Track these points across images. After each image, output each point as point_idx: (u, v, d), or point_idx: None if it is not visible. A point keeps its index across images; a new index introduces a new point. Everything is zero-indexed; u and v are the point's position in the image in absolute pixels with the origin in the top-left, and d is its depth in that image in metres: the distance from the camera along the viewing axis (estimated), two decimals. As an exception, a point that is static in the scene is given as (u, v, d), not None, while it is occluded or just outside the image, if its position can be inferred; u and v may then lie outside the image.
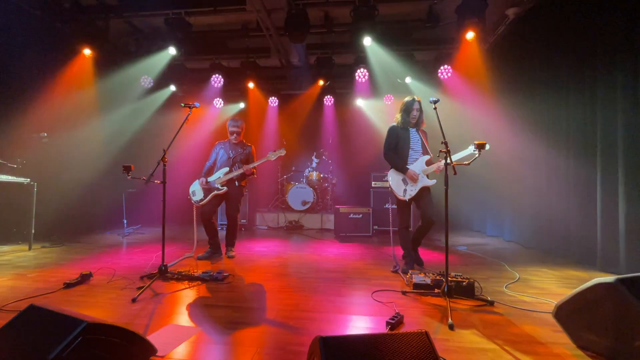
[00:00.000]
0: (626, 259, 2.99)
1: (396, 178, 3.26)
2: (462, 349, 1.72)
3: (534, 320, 2.09)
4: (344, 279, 2.98)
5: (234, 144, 3.86)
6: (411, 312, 2.21)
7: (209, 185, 3.68)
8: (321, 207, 6.73)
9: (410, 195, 3.17)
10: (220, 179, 3.67)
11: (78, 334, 1.29)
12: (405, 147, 3.24)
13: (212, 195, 3.67)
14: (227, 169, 3.72)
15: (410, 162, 3.23)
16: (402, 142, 3.26)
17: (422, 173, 3.16)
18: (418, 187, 3.15)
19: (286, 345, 1.75)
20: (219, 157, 3.83)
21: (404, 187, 3.20)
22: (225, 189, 3.67)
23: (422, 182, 3.14)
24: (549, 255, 3.93)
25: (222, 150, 3.84)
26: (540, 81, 4.20)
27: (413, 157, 3.23)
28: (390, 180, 3.31)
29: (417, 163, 3.20)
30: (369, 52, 5.43)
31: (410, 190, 3.17)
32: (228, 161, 3.76)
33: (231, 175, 3.67)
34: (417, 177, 3.13)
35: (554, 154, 3.94)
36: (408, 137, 3.25)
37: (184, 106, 3.07)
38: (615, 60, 3.12)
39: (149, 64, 5.84)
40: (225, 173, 3.69)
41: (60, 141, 4.90)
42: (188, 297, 2.46)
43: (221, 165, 3.76)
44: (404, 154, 3.24)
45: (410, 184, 3.18)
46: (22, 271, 3.10)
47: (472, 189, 6.05)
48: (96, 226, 5.64)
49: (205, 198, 3.68)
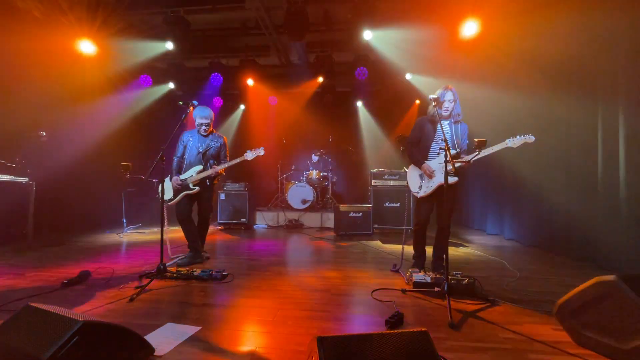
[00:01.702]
0: (627, 257, 2.98)
1: (413, 173, 3.10)
2: (462, 348, 1.71)
3: (535, 319, 2.08)
4: (343, 278, 2.96)
5: (203, 137, 3.51)
6: (411, 310, 2.20)
7: (184, 183, 3.37)
8: (321, 206, 6.72)
9: (425, 192, 2.95)
10: (193, 177, 3.37)
11: (74, 334, 1.28)
12: (429, 141, 2.98)
13: (183, 195, 3.38)
14: (200, 167, 3.40)
15: (431, 157, 2.99)
16: (427, 135, 3.00)
17: (441, 169, 2.85)
18: (434, 184, 2.90)
19: (285, 345, 1.74)
20: (187, 150, 3.47)
21: (420, 182, 3.02)
22: (198, 189, 3.39)
23: (440, 179, 2.86)
24: (550, 254, 3.92)
25: (190, 142, 3.47)
26: (539, 77, 4.17)
27: (434, 152, 2.98)
28: (408, 174, 3.16)
29: (439, 158, 2.94)
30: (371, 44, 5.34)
31: (426, 186, 2.96)
32: (198, 156, 3.42)
33: (205, 174, 3.36)
34: (431, 171, 2.90)
35: (555, 151, 3.92)
36: (434, 131, 2.98)
37: (182, 104, 3.05)
38: (618, 59, 3.11)
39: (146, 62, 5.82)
40: (198, 172, 3.38)
41: (58, 140, 4.88)
42: (186, 297, 2.45)
43: (192, 162, 3.42)
44: (426, 148, 3.01)
45: (427, 180, 2.97)
46: (20, 270, 3.09)
47: (472, 188, 6.04)
48: (95, 225, 5.62)
49: (174, 197, 3.38)
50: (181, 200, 3.40)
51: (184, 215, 3.40)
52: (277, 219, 6.37)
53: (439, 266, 2.94)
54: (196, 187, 3.39)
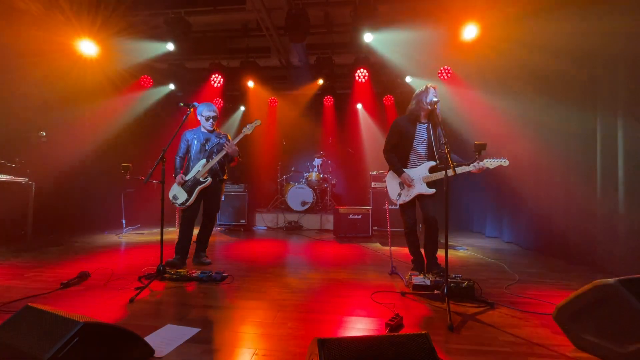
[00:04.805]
0: (626, 261, 2.99)
1: (393, 179, 3.03)
2: (462, 351, 1.71)
3: (534, 322, 2.08)
4: (343, 280, 2.96)
5: (208, 132, 3.46)
6: (411, 313, 2.20)
7: (194, 180, 3.31)
8: (320, 208, 6.72)
9: (403, 200, 2.93)
10: (200, 172, 3.32)
11: (74, 334, 1.28)
12: (407, 145, 2.88)
13: (198, 190, 3.30)
14: (205, 161, 3.36)
15: (410, 164, 2.92)
16: (405, 138, 2.88)
17: (421, 180, 2.84)
18: (413, 193, 2.87)
19: (285, 347, 1.74)
20: (192, 148, 3.42)
21: (399, 190, 2.97)
22: (210, 180, 3.32)
23: (419, 189, 2.84)
24: (548, 257, 3.93)
25: (194, 140, 3.42)
26: (538, 81, 4.19)
27: (414, 159, 2.91)
28: (387, 181, 3.11)
29: (419, 169, 2.87)
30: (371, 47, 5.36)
31: (405, 195, 2.92)
32: (204, 153, 3.39)
33: (213, 162, 3.30)
34: (410, 182, 2.84)
35: (553, 154, 3.93)
36: (413, 134, 2.86)
37: (183, 106, 3.06)
38: (617, 59, 3.12)
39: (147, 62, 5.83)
40: (204, 165, 3.34)
41: (58, 140, 4.88)
42: (186, 298, 2.45)
43: (197, 158, 3.38)
44: (404, 153, 2.91)
45: (406, 189, 2.91)
46: (20, 271, 3.08)
47: (470, 190, 6.05)
48: (94, 226, 5.61)
49: (190, 197, 3.30)
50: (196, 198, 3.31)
51: (192, 217, 3.36)
52: (277, 221, 6.36)
53: (433, 265, 2.88)
54: (208, 179, 3.32)
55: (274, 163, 7.34)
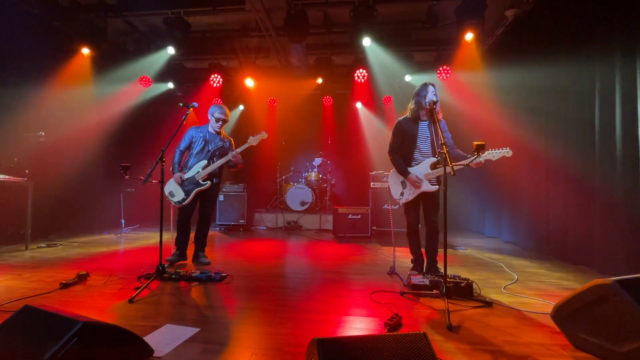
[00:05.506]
0: (624, 261, 2.99)
1: (395, 178, 3.04)
2: (460, 350, 1.72)
3: (532, 322, 2.08)
4: (342, 280, 2.97)
5: (214, 134, 3.46)
6: (409, 313, 2.20)
7: (193, 180, 3.32)
8: (320, 208, 6.73)
9: (406, 199, 2.92)
10: (200, 173, 3.32)
11: (74, 334, 1.28)
12: (411, 145, 2.87)
13: (195, 192, 3.32)
14: (205, 162, 3.35)
15: (415, 162, 2.90)
16: (408, 138, 2.88)
17: (424, 177, 2.83)
18: (416, 192, 2.86)
19: (284, 347, 1.74)
20: (195, 146, 3.41)
21: (402, 189, 2.96)
22: (209, 184, 3.34)
23: (423, 187, 2.83)
24: (547, 256, 3.93)
25: (200, 139, 3.41)
26: (538, 82, 4.20)
27: (419, 157, 2.90)
28: (389, 180, 3.12)
29: (421, 166, 2.86)
30: (369, 52, 5.42)
31: (407, 194, 2.92)
32: (206, 154, 3.39)
33: (214, 166, 3.30)
34: (419, 183, 2.80)
35: (552, 154, 3.94)
36: (416, 133, 2.86)
37: (182, 106, 3.06)
38: (615, 60, 3.13)
39: (147, 63, 5.83)
40: (204, 167, 3.33)
41: (57, 140, 4.88)
42: (186, 298, 2.45)
43: (198, 158, 3.38)
44: (409, 152, 2.91)
45: (409, 187, 2.92)
46: (19, 271, 3.08)
47: (470, 190, 6.06)
48: (93, 226, 5.61)
49: (187, 197, 3.31)
50: (193, 198, 3.34)
51: (189, 216, 3.41)
52: (276, 221, 6.37)
53: (433, 267, 2.91)
54: (207, 182, 3.34)
55: (273, 163, 7.34)
